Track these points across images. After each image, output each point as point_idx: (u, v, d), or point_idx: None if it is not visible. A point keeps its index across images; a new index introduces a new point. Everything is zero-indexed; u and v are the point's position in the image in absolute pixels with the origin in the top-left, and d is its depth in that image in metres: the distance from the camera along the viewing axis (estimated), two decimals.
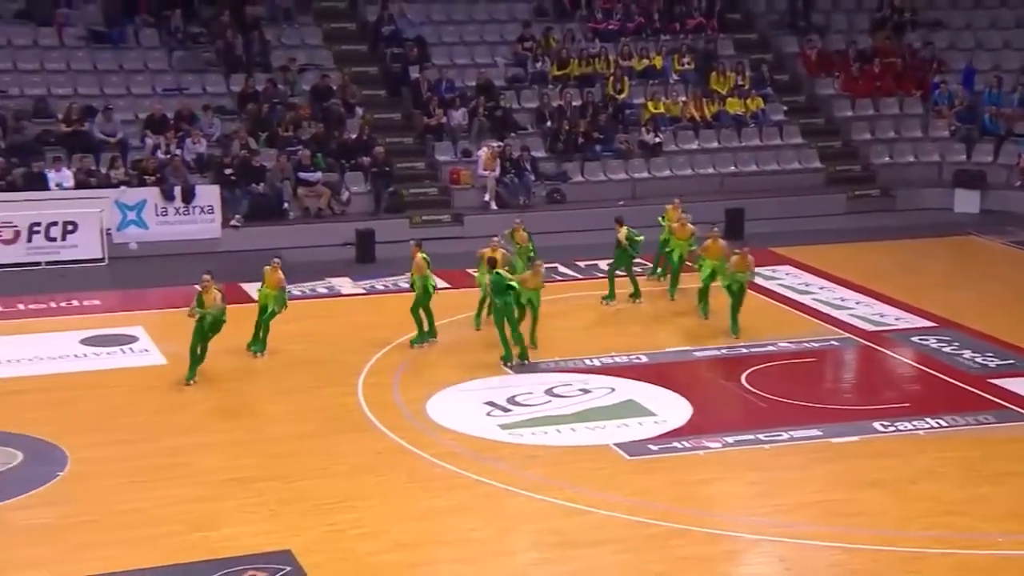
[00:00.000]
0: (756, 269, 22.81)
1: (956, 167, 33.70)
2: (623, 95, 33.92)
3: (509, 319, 20.83)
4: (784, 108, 35.20)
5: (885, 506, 15.77)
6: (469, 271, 23.86)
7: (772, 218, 30.83)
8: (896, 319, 23.61)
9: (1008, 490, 16.22)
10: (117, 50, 32.55)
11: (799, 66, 36.62)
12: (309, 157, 30.16)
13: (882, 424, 18.25)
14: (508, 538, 15.11)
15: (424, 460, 17.06)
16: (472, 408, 19.02)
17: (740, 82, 34.76)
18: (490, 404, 19.13)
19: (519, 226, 23.78)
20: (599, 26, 35.76)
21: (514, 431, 18.09)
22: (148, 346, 21.71)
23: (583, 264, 24.95)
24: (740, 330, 22.10)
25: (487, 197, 30.82)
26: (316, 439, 17.87)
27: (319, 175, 30.13)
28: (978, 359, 21.20)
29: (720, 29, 36.65)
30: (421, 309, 21.66)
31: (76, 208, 27.71)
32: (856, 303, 24.58)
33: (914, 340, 22.35)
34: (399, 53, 33.81)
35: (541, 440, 17.79)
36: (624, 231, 23.88)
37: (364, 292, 25.13)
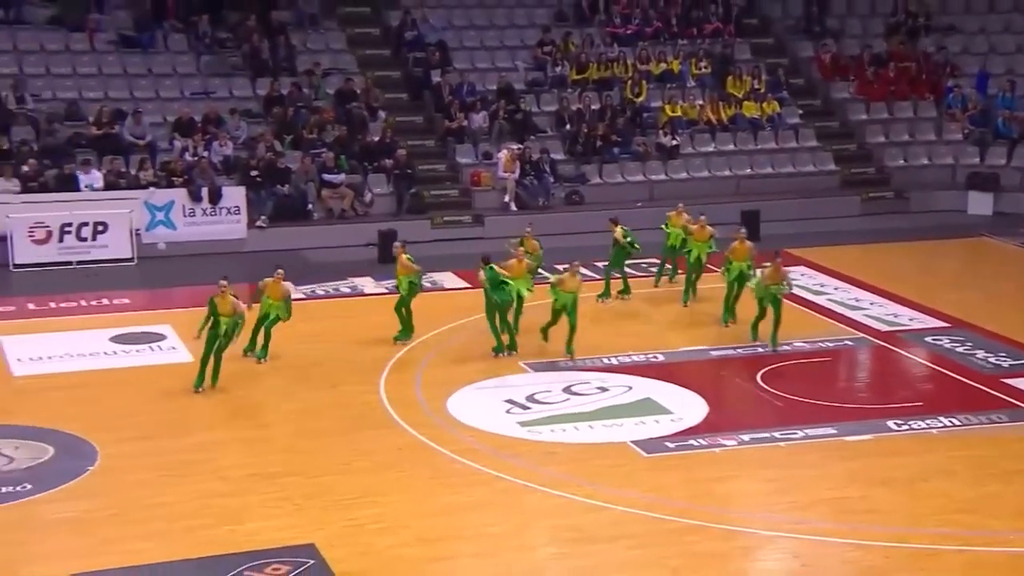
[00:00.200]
0: None
1: (969, 170, 33.75)
2: (641, 98, 34.04)
3: (501, 313, 21.04)
4: (799, 111, 35.23)
5: (898, 503, 15.84)
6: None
7: (787, 220, 30.91)
8: (910, 319, 23.71)
9: (1019, 488, 16.29)
10: (146, 55, 32.79)
11: (814, 70, 36.70)
12: (333, 159, 30.40)
13: (896, 423, 18.33)
14: (526, 533, 15.22)
15: (444, 456, 17.18)
16: (492, 406, 19.16)
17: (756, 86, 34.85)
18: (510, 402, 19.26)
19: (529, 234, 23.68)
20: (618, 31, 35.88)
21: (533, 428, 18.22)
22: (176, 344, 21.89)
23: (601, 264, 25.09)
24: (758, 335, 21.86)
25: (507, 198, 31.02)
26: (338, 435, 18.00)
27: (343, 177, 30.38)
28: (991, 359, 21.27)
29: (737, 34, 36.76)
30: (403, 307, 21.90)
31: (106, 209, 27.99)
32: (870, 303, 24.69)
33: (928, 340, 22.43)
34: (421, 57, 33.98)
35: (559, 437, 17.91)
36: (619, 230, 24.19)
37: (386, 292, 25.26)
